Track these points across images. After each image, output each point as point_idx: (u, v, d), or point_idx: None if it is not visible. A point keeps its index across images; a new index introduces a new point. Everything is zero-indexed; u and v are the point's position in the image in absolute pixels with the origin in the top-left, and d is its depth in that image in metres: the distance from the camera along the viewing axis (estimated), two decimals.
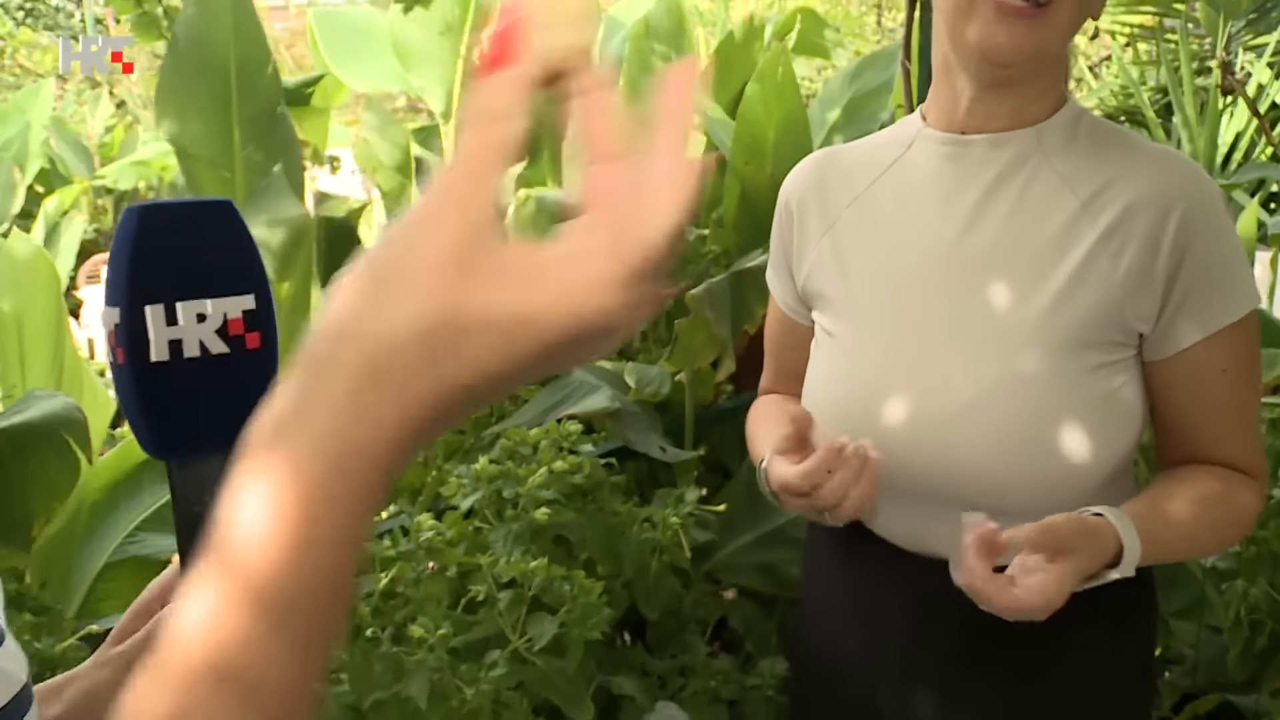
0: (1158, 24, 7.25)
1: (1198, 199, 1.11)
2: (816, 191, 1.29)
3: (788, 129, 3.02)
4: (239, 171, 2.75)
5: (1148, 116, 6.45)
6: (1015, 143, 1.16)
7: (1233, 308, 1.12)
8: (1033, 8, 1.07)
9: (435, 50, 3.61)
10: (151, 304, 0.58)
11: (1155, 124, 6.43)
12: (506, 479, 1.79)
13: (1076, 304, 1.11)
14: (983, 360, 1.13)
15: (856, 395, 1.19)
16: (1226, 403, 1.16)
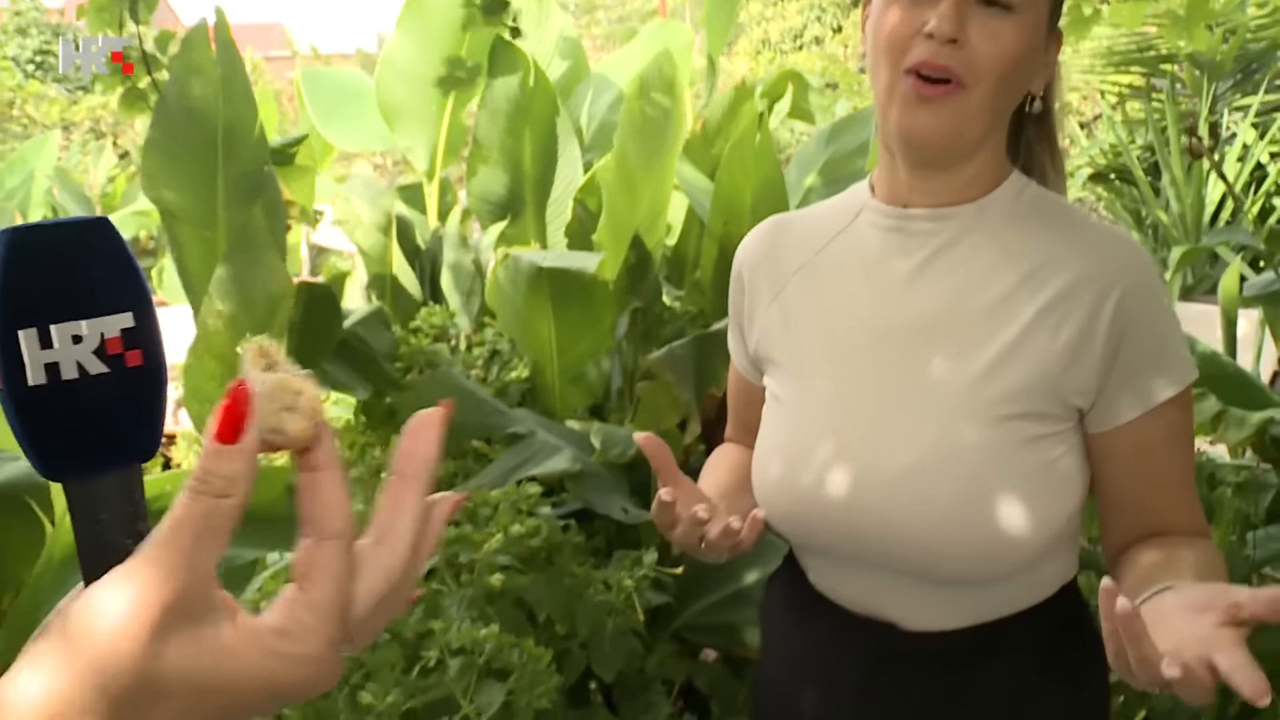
0: (1146, 84, 7.34)
1: (1136, 279, 1.13)
2: (767, 258, 1.32)
3: (765, 193, 3.08)
4: (222, 233, 2.78)
5: (1136, 175, 6.52)
6: (956, 217, 1.19)
7: (1172, 383, 1.14)
8: (947, 87, 1.10)
9: (420, 110, 3.68)
10: (24, 328, 0.57)
11: (1144, 182, 6.49)
12: (463, 543, 1.81)
13: (1012, 375, 1.12)
14: (919, 428, 1.14)
15: (799, 461, 1.21)
16: (1170, 471, 1.17)
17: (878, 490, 1.14)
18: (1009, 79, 1.12)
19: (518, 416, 2.41)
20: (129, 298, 0.59)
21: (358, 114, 4.06)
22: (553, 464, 2.16)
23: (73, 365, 0.58)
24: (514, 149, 3.45)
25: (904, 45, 1.11)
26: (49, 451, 0.59)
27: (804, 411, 1.23)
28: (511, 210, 3.46)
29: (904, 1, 1.12)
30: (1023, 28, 1.10)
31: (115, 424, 0.59)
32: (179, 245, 2.78)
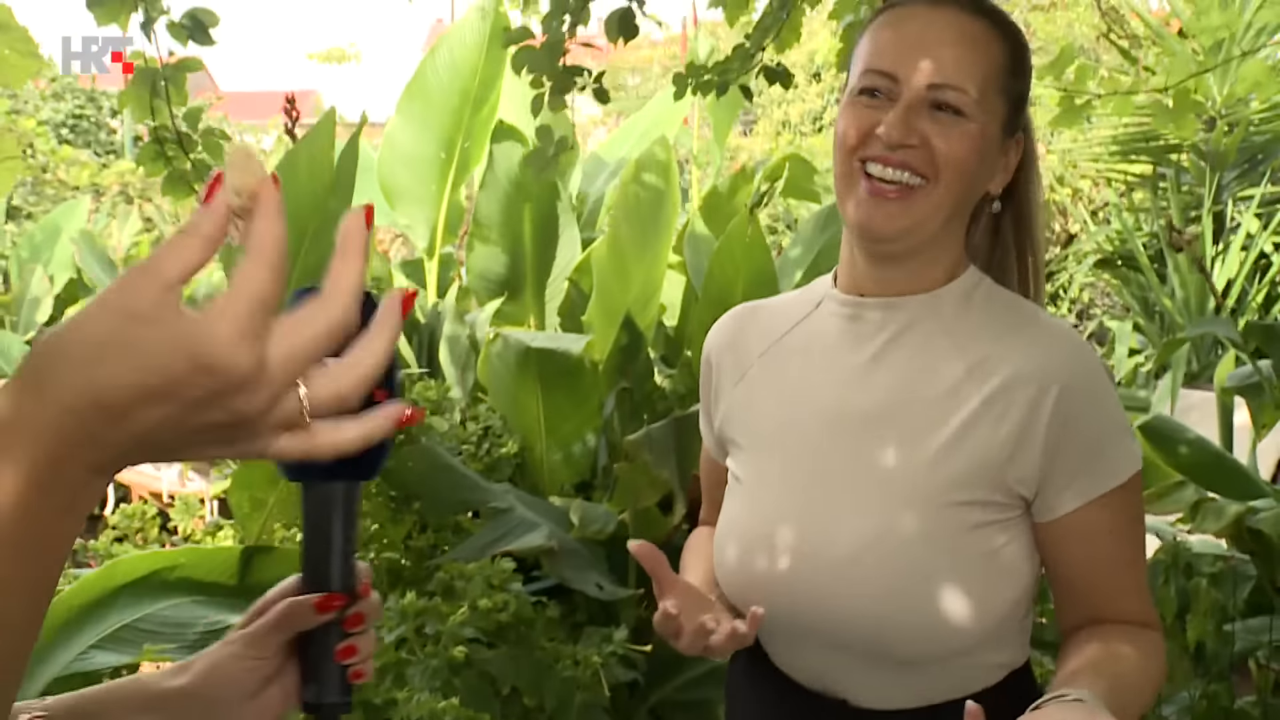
0: (1154, 173, 7.42)
1: (1076, 375, 1.17)
2: (733, 344, 1.37)
3: (756, 283, 3.16)
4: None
5: (1141, 262, 6.58)
6: (910, 307, 1.23)
7: (1114, 474, 1.17)
8: (903, 190, 1.14)
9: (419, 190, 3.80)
10: None
11: (1149, 269, 6.55)
12: (430, 614, 1.87)
13: (957, 463, 1.15)
14: (867, 513, 1.18)
15: (754, 542, 1.25)
16: (1116, 561, 1.20)
17: (827, 572, 1.18)
18: (964, 178, 1.18)
19: (497, 492, 2.47)
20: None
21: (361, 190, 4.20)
22: (528, 540, 2.22)
23: None
24: (513, 228, 3.56)
25: (861, 138, 1.17)
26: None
27: (761, 493, 1.27)
28: (510, 288, 3.56)
29: (861, 100, 1.18)
30: (973, 133, 1.16)
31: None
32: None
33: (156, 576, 2.24)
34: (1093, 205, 8.96)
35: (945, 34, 1.17)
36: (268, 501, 2.66)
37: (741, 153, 10.79)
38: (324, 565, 0.78)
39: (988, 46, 1.18)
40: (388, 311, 0.64)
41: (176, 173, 2.58)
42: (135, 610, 2.20)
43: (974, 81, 1.16)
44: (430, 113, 3.79)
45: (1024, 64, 1.23)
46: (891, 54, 1.18)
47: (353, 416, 0.63)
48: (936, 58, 1.16)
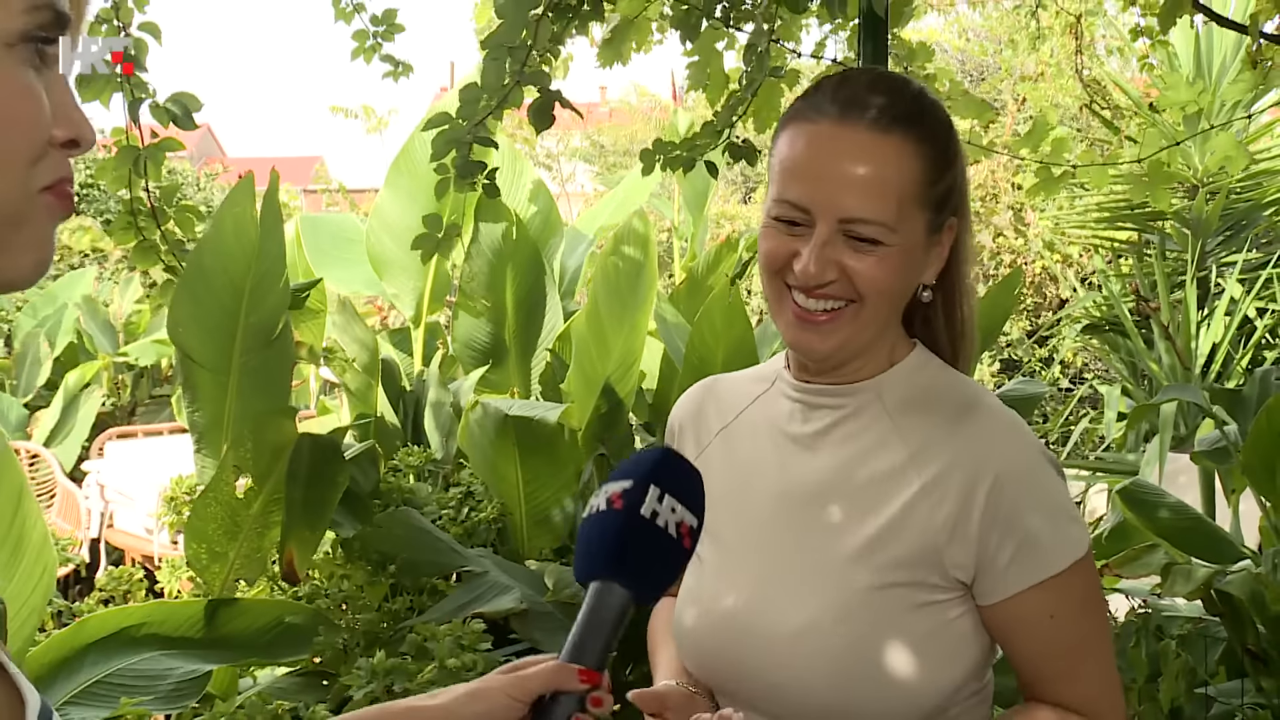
0: (1139, 239, 7.53)
1: (1012, 464, 1.17)
2: (694, 419, 1.42)
3: (737, 351, 3.23)
4: (234, 378, 2.95)
5: (1128, 327, 6.65)
6: (855, 394, 1.25)
7: (1052, 562, 1.17)
8: (830, 314, 1.18)
9: (406, 261, 3.89)
10: (656, 484, 0.97)
11: (1135, 334, 6.63)
12: (398, 673, 1.91)
13: (898, 544, 1.18)
14: (811, 590, 1.21)
15: (707, 615, 1.29)
16: (1058, 646, 1.20)
17: (772, 648, 1.21)
18: (889, 296, 1.20)
19: (473, 556, 2.52)
20: (701, 511, 1.00)
21: (352, 259, 4.29)
22: (500, 602, 2.27)
23: (665, 519, 0.96)
24: (498, 298, 3.65)
25: (780, 265, 1.20)
26: (611, 556, 0.95)
27: (714, 567, 1.31)
28: (494, 356, 3.64)
29: (779, 226, 1.19)
30: (893, 255, 1.17)
31: (653, 567, 0.96)
32: (193, 386, 2.95)
33: (125, 633, 2.29)
34: (1082, 271, 9.07)
35: (856, 162, 1.16)
36: (228, 555, 2.71)
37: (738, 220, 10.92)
38: (591, 648, 0.93)
39: (902, 165, 1.17)
40: None
41: (147, 243, 2.68)
42: (105, 666, 2.25)
43: (889, 209, 1.16)
44: (417, 185, 3.88)
45: (947, 160, 1.22)
46: (801, 185, 1.17)
47: None
48: (848, 191, 1.15)
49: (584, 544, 0.99)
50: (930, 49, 3.65)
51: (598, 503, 0.99)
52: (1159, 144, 3.88)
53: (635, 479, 0.98)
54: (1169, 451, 4.63)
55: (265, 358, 2.96)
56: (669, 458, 1.02)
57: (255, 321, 2.96)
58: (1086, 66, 8.14)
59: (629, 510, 0.97)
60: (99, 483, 5.75)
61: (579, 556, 1.00)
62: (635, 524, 0.96)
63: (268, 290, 2.97)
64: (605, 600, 0.94)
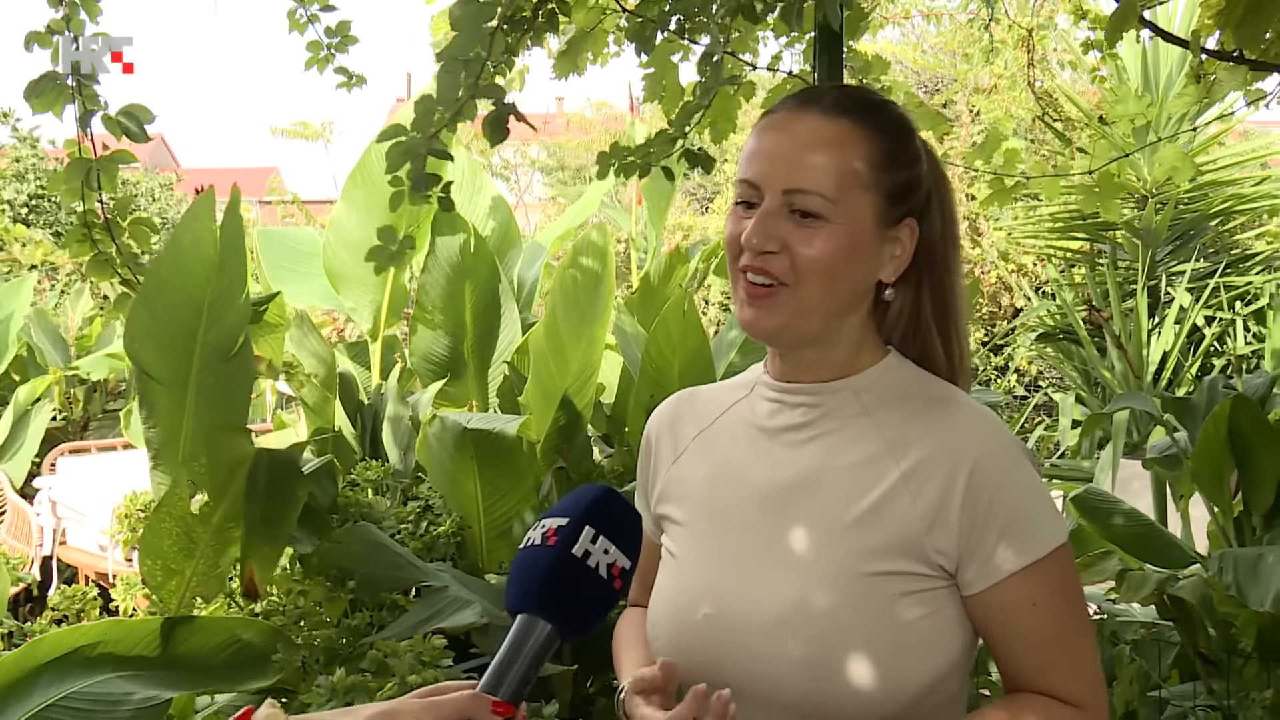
0: (1091, 249, 7.66)
1: (991, 453, 1.20)
2: (670, 426, 1.43)
3: (692, 361, 3.24)
4: (191, 393, 2.90)
5: (1081, 336, 6.75)
6: (832, 392, 1.27)
7: (1032, 547, 1.18)
8: (772, 289, 1.20)
9: (363, 274, 3.87)
10: (591, 526, 1.00)
11: (1089, 342, 6.72)
12: (358, 691, 1.90)
13: (876, 534, 1.19)
14: (787, 584, 1.22)
15: (682, 612, 1.29)
16: (1041, 635, 1.20)
17: (748, 642, 1.22)
18: (829, 278, 1.22)
19: (432, 570, 2.51)
20: (635, 554, 1.03)
21: (308, 273, 4.26)
22: (460, 617, 2.25)
23: (596, 560, 0.99)
24: (455, 311, 3.63)
25: (735, 248, 1.23)
26: (537, 593, 0.97)
27: (689, 565, 1.32)
28: (452, 369, 3.63)
29: (739, 210, 1.24)
30: (836, 233, 1.19)
31: (580, 606, 0.99)
32: (150, 402, 2.91)
33: (79, 653, 2.25)
34: (1036, 281, 9.19)
35: (804, 140, 1.22)
36: (184, 572, 2.68)
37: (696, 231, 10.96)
38: (507, 679, 0.94)
39: (847, 148, 1.22)
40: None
41: (102, 256, 2.65)
42: (59, 688, 2.21)
43: (830, 184, 1.20)
44: (373, 198, 3.87)
45: (902, 154, 1.26)
46: (754, 164, 1.24)
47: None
48: (792, 164, 1.21)
49: (515, 576, 1.00)
50: (885, 61, 3.69)
51: (533, 536, 1.01)
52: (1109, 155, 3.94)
53: (571, 517, 1.01)
54: (1122, 458, 4.70)
55: (223, 374, 2.93)
56: (607, 498, 1.04)
57: (214, 338, 2.94)
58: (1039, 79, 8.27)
59: (561, 548, 0.99)
60: (51, 499, 5.65)
61: (509, 587, 1.01)
62: (566, 562, 0.99)
63: (227, 306, 2.95)
64: (529, 634, 0.96)
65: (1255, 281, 7.04)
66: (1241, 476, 2.94)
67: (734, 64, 3.26)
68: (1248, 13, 2.33)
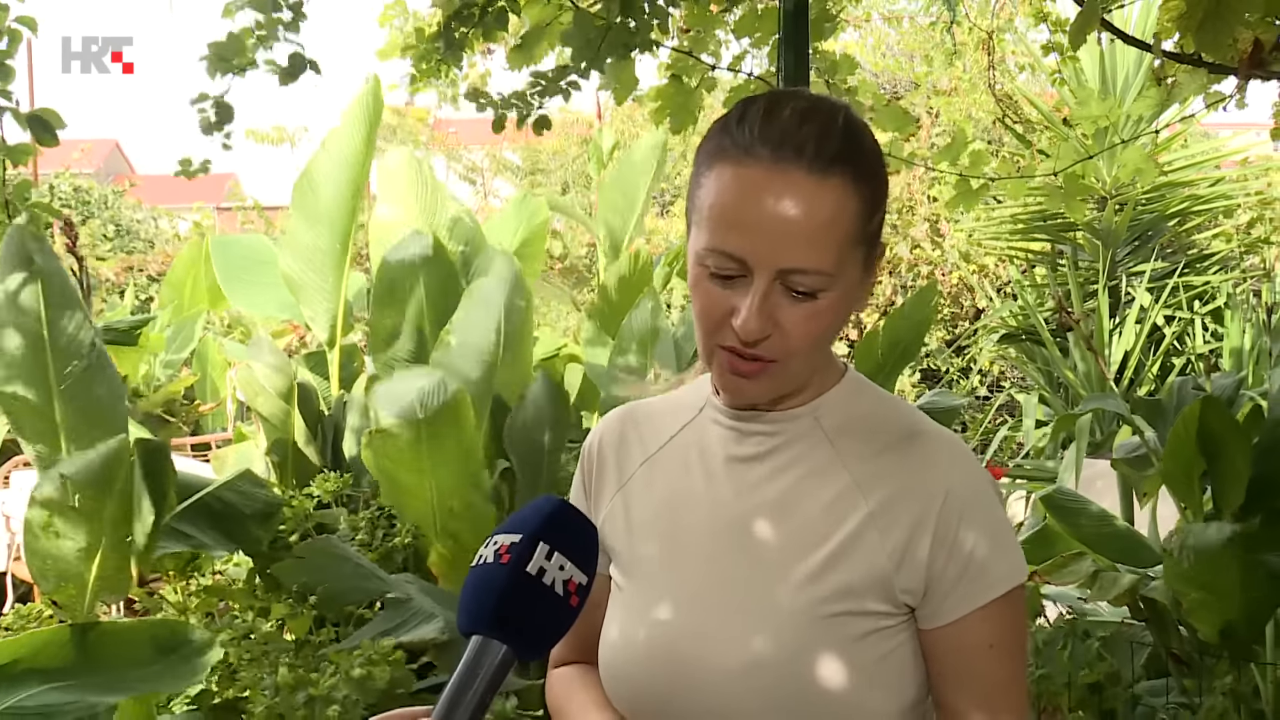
0: (1052, 250, 7.70)
1: (962, 486, 1.16)
2: (615, 448, 1.34)
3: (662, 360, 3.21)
4: (60, 411, 2.92)
5: (1044, 337, 6.78)
6: (792, 420, 1.21)
7: (996, 584, 1.15)
8: (763, 365, 1.12)
9: (318, 282, 3.81)
10: (545, 542, 0.95)
11: (1051, 343, 6.76)
12: (302, 685, 1.86)
13: (845, 573, 1.14)
14: (752, 625, 1.17)
15: (638, 653, 1.23)
16: (993, 679, 1.18)
17: (713, 685, 1.17)
18: (825, 342, 1.16)
19: (397, 582, 2.45)
20: (592, 569, 0.99)
21: (265, 282, 4.19)
22: (421, 631, 2.20)
23: (551, 577, 0.94)
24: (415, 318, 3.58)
25: (717, 326, 1.12)
26: (493, 612, 0.92)
27: (642, 602, 1.25)
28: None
29: (716, 281, 1.11)
30: (833, 302, 1.12)
31: (537, 625, 0.94)
32: (21, 427, 2.97)
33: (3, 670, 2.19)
34: (998, 281, 9.25)
35: (795, 209, 1.08)
36: (83, 575, 2.64)
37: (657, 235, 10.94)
38: (461, 705, 0.90)
39: (841, 209, 1.10)
40: None
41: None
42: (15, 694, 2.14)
43: (830, 260, 1.10)
44: (321, 206, 3.82)
45: (882, 191, 1.17)
46: (739, 235, 1.09)
47: None
48: (787, 241, 1.08)
49: (467, 596, 0.95)
50: (853, 61, 3.68)
51: (485, 554, 0.96)
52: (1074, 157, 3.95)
53: (524, 533, 0.96)
54: (1085, 457, 4.71)
55: (83, 379, 2.95)
56: (562, 512, 1.00)
57: (63, 363, 2.98)
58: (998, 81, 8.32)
59: (515, 566, 0.94)
60: (4, 513, 5.50)
61: (462, 607, 0.96)
62: (520, 581, 0.94)
63: (61, 331, 2.97)
64: (484, 657, 0.91)
65: (1213, 281, 7.11)
66: (1211, 476, 2.94)
67: (698, 67, 3.27)
68: (1207, 17, 2.33)
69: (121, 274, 12.64)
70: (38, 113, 2.58)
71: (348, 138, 3.88)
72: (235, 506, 2.82)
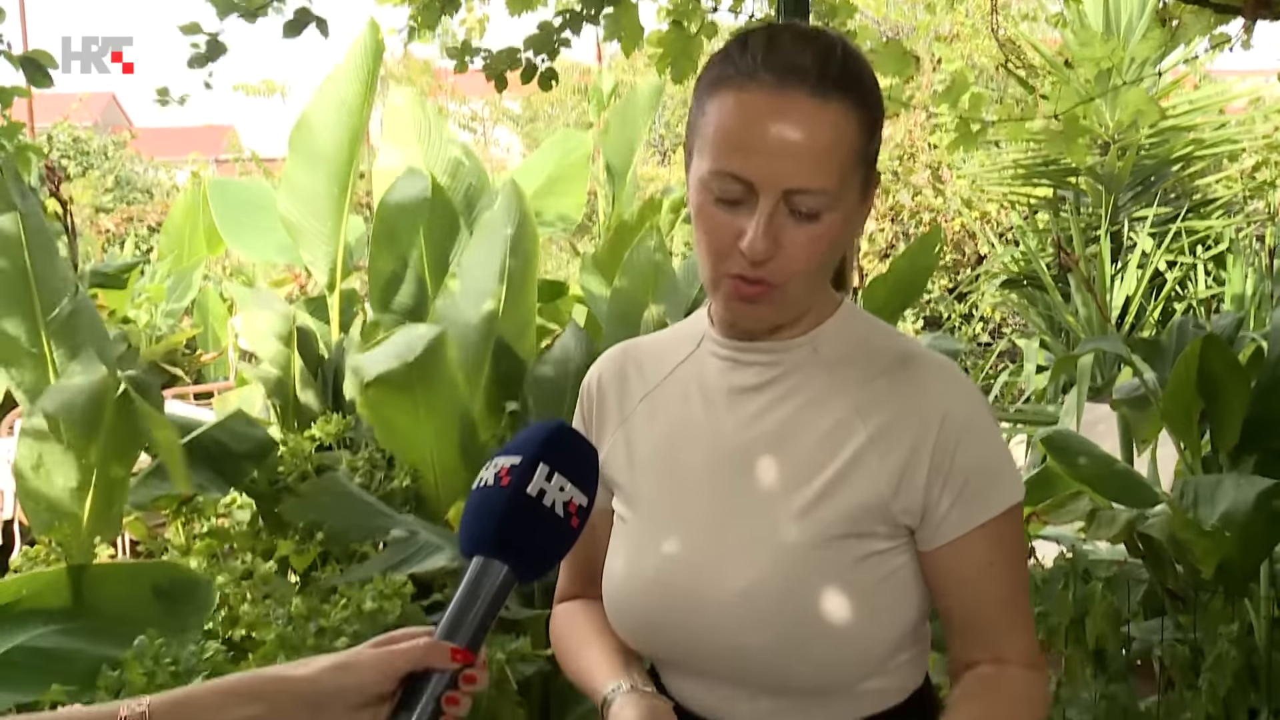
0: (1054, 196, 7.67)
1: (959, 408, 1.18)
2: (616, 383, 1.34)
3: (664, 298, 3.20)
4: (49, 350, 2.98)
5: (1045, 282, 6.77)
6: (790, 350, 1.22)
7: (994, 503, 1.17)
8: (764, 288, 1.13)
9: (318, 227, 3.80)
10: (545, 463, 0.96)
11: (1053, 288, 6.74)
12: (314, 614, 1.88)
13: (846, 498, 1.16)
14: (756, 550, 1.17)
15: (644, 583, 1.25)
16: (995, 595, 1.20)
17: (718, 610, 1.18)
18: (825, 266, 1.17)
19: (402, 519, 2.47)
20: (592, 490, 0.99)
21: (263, 227, 4.18)
22: (431, 562, 2.23)
23: (552, 498, 0.95)
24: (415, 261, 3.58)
25: (724, 252, 1.14)
26: (494, 534, 0.93)
27: (646, 535, 1.27)
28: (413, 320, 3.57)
29: (721, 206, 1.13)
30: (836, 219, 1.13)
31: (537, 546, 0.95)
32: (10, 369, 3.00)
33: (4, 610, 2.21)
34: (1000, 228, 9.21)
35: (798, 131, 1.10)
36: (79, 514, 2.65)
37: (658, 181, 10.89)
38: (464, 625, 0.92)
39: (844, 134, 1.12)
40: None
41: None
42: None
43: (833, 179, 1.12)
44: (320, 150, 3.80)
45: (880, 117, 1.19)
46: (745, 158, 1.11)
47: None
48: (792, 161, 1.10)
49: (468, 518, 0.97)
50: (852, 4, 3.65)
51: (486, 476, 0.97)
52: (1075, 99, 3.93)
53: (524, 455, 0.97)
54: (1086, 401, 4.73)
55: (72, 329, 2.98)
56: (561, 434, 1.01)
57: (48, 302, 3.01)
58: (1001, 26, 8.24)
59: (515, 488, 0.95)
60: (8, 461, 5.53)
61: (463, 529, 0.97)
62: (520, 502, 0.95)
63: (47, 273, 3.00)
64: (486, 577, 0.93)
65: (1215, 226, 7.08)
66: (1209, 415, 2.95)
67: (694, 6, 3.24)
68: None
69: (122, 224, 12.62)
70: (30, 54, 2.58)
71: (348, 80, 3.85)
72: (228, 447, 2.83)
